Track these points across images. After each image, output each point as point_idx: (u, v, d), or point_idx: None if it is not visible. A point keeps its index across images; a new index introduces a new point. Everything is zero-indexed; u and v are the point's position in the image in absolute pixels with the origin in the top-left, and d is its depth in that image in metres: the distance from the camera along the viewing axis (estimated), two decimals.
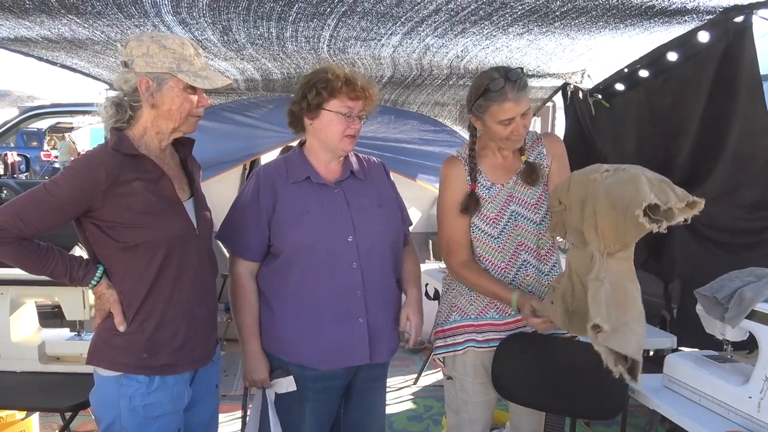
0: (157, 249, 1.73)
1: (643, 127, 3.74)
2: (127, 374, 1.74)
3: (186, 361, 1.81)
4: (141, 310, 1.75)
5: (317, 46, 3.64)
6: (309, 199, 2.04)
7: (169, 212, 1.77)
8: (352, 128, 2.02)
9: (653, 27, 3.10)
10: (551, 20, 3.01)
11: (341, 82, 1.99)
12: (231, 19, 3.10)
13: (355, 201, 2.07)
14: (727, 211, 3.29)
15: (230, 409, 3.96)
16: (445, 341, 2.25)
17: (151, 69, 1.72)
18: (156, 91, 1.73)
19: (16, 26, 3.25)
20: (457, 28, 3.19)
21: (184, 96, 1.75)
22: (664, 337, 3.08)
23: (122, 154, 1.71)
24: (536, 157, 2.21)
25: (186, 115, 1.78)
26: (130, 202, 1.70)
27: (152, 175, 1.75)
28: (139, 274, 1.74)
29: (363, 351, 2.04)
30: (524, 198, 2.17)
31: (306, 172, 2.07)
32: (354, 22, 3.15)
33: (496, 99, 2.02)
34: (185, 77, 1.73)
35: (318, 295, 2.01)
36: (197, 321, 1.83)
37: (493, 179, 2.18)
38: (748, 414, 1.94)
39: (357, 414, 2.17)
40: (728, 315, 2.05)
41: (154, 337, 1.76)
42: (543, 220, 2.16)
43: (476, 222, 2.17)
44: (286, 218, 2.02)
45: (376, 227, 2.07)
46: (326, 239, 2.00)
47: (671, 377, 2.24)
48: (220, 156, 5.06)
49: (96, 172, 1.67)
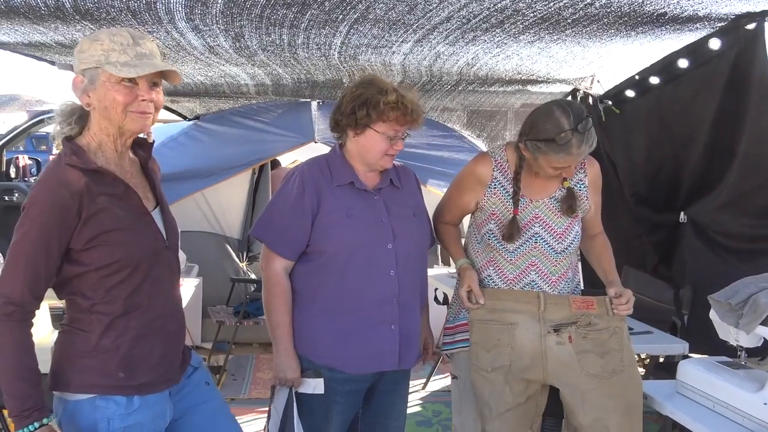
0: (128, 266, 1.60)
1: (652, 135, 3.75)
2: (102, 396, 1.61)
3: (163, 379, 1.70)
4: (115, 326, 1.61)
5: (328, 53, 3.66)
6: (352, 203, 2.05)
7: (138, 226, 1.65)
8: (395, 149, 2.04)
9: (664, 34, 3.11)
10: (562, 28, 3.02)
11: (392, 106, 1.97)
12: (243, 26, 3.13)
13: (393, 209, 2.09)
14: (737, 218, 3.29)
15: (239, 413, 3.97)
16: (453, 338, 2.27)
17: (85, 66, 1.59)
18: (90, 89, 1.59)
19: (31, 32, 3.28)
20: (469, 35, 3.20)
21: (115, 89, 1.57)
22: (676, 343, 3.07)
23: (79, 170, 1.57)
24: (575, 184, 2.19)
25: (122, 111, 1.59)
26: (99, 219, 1.56)
27: (116, 190, 1.62)
28: (112, 292, 1.60)
29: (393, 357, 2.06)
30: (551, 225, 2.16)
31: (350, 177, 2.07)
32: (366, 30, 3.16)
33: (558, 151, 1.97)
34: (111, 68, 1.56)
35: (355, 300, 2.02)
36: (171, 336, 1.74)
37: (523, 192, 2.16)
38: (763, 421, 1.93)
39: (376, 412, 2.19)
40: (743, 321, 2.04)
41: (130, 355, 1.63)
42: (565, 251, 2.15)
43: (493, 229, 2.17)
44: (330, 220, 2.02)
45: (413, 236, 2.11)
46: (367, 245, 2.01)
47: (684, 383, 2.24)
48: (230, 160, 5.09)
49: (57, 195, 1.53)
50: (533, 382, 2.07)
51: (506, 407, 2.07)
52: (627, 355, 2.05)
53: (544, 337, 2.04)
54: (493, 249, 2.17)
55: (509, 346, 2.05)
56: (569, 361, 2.03)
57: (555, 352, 2.04)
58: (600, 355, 2.03)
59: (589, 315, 2.05)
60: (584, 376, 2.02)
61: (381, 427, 2.21)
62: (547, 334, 2.04)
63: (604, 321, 2.06)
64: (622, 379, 2.02)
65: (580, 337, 2.04)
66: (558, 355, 2.03)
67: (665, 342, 3.09)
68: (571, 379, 2.03)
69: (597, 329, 2.04)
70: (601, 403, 2.01)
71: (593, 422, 2.01)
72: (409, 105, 2.00)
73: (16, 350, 1.54)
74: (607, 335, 2.04)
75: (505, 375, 2.06)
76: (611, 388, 2.02)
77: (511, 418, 2.08)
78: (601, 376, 2.02)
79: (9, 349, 1.53)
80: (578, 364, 2.02)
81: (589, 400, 2.01)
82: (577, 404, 2.02)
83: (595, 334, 2.04)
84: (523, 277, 2.16)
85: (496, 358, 2.07)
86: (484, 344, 2.09)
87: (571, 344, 2.03)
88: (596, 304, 2.08)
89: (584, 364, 2.02)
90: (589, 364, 2.02)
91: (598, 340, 2.04)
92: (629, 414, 2.02)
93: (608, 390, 2.01)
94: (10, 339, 1.54)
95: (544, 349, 2.04)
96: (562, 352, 2.03)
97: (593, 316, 2.05)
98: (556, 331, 2.04)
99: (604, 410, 2.01)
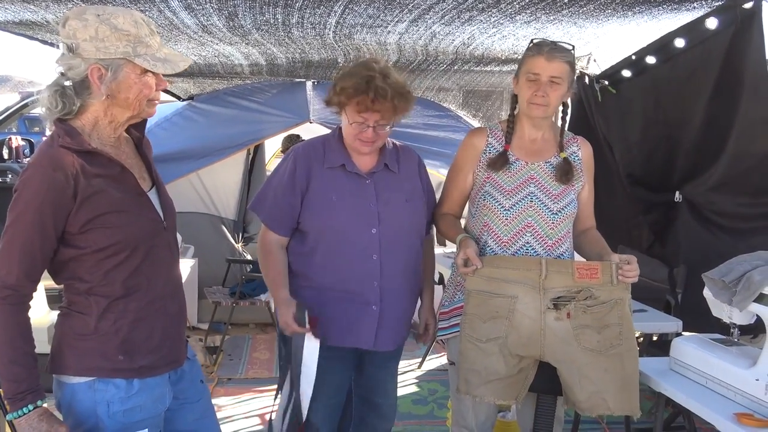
0: (127, 248, 1.59)
1: (648, 115, 3.75)
2: (101, 378, 1.60)
3: (163, 362, 1.69)
4: (114, 309, 1.60)
5: (323, 33, 3.63)
6: (341, 187, 2.08)
7: (135, 207, 1.62)
8: (365, 136, 2.03)
9: (661, 14, 3.09)
10: (559, 8, 3.00)
11: (351, 93, 1.97)
12: (237, 5, 3.09)
13: (384, 194, 2.10)
14: (732, 197, 3.30)
15: (236, 392, 4.01)
16: (448, 322, 2.27)
17: (104, 55, 1.52)
18: (111, 81, 1.54)
19: (21, 10, 3.24)
20: (465, 15, 3.18)
21: (142, 82, 1.57)
22: (669, 321, 3.10)
23: (74, 152, 1.53)
24: (570, 155, 2.24)
25: (146, 102, 1.61)
26: (95, 202, 1.54)
27: (112, 171, 1.59)
28: (111, 275, 1.58)
29: (369, 337, 2.11)
30: (547, 186, 2.18)
31: (341, 160, 2.10)
32: (361, 9, 3.13)
33: (531, 52, 2.14)
34: (143, 62, 1.54)
35: (338, 280, 2.07)
36: (171, 317, 1.72)
37: (518, 156, 2.21)
38: (755, 396, 1.96)
39: (366, 388, 2.24)
40: (736, 298, 2.06)
41: (130, 337, 1.62)
42: (561, 211, 2.16)
43: (490, 190, 2.18)
44: (316, 201, 2.06)
45: (400, 222, 2.12)
46: (349, 229, 2.05)
47: (678, 360, 2.26)
48: (224, 141, 5.06)
49: (52, 178, 1.50)
50: (527, 357, 2.09)
51: (497, 376, 2.08)
52: (626, 328, 2.04)
53: (543, 314, 2.04)
54: (490, 210, 2.18)
55: (507, 319, 2.06)
56: (566, 337, 2.03)
57: (553, 329, 2.04)
58: (598, 330, 2.03)
59: (591, 288, 2.03)
60: (581, 351, 2.03)
61: (372, 405, 2.25)
62: (547, 310, 2.04)
63: (606, 292, 2.03)
64: (620, 353, 2.03)
65: (579, 312, 2.03)
66: (556, 332, 2.04)
67: (659, 320, 3.13)
68: (568, 355, 2.04)
69: (598, 302, 2.03)
70: (598, 377, 2.02)
71: (591, 396, 2.03)
72: (379, 93, 1.96)
73: (11, 334, 1.53)
74: (608, 309, 2.03)
75: (500, 346, 2.06)
76: (608, 362, 2.03)
77: (499, 386, 2.09)
78: (598, 351, 2.03)
79: (3, 333, 1.53)
80: (575, 339, 2.03)
81: (586, 375, 2.03)
82: (574, 380, 2.04)
83: (596, 308, 2.03)
84: (518, 239, 2.15)
85: (492, 329, 2.07)
86: (482, 315, 2.08)
87: (569, 320, 2.04)
88: (600, 271, 2.04)
89: (581, 339, 2.03)
90: (586, 339, 2.03)
91: (598, 314, 2.03)
92: (626, 386, 2.03)
93: (605, 364, 2.03)
94: (4, 322, 1.53)
95: (543, 327, 2.04)
96: (559, 329, 2.04)
97: (595, 288, 2.03)
98: (556, 307, 2.04)
99: (601, 383, 2.02)
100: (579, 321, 2.04)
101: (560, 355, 2.05)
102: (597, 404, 2.04)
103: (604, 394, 2.03)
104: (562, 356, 2.05)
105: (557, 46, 2.13)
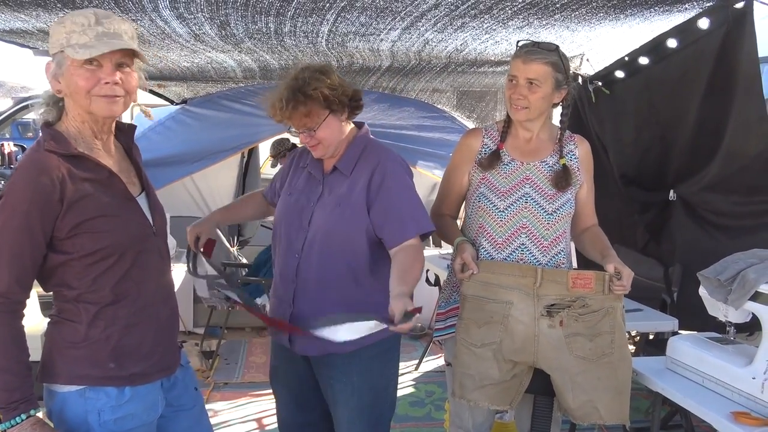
0: (115, 253, 1.57)
1: (642, 115, 3.76)
2: (92, 387, 1.58)
3: (155, 369, 1.67)
4: (104, 316, 1.58)
5: (315, 41, 3.64)
6: (299, 184, 2.17)
7: (124, 212, 1.60)
8: (305, 142, 2.08)
9: (654, 16, 3.10)
10: (551, 12, 3.01)
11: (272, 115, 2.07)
12: (229, 14, 3.09)
13: (325, 196, 2.08)
14: (726, 196, 3.32)
15: (232, 397, 4.00)
16: (444, 323, 2.28)
17: (53, 50, 1.55)
18: (59, 74, 1.54)
19: (12, 19, 3.23)
20: (457, 22, 3.18)
21: (78, 73, 1.52)
22: (665, 320, 3.11)
23: (60, 156, 1.52)
24: (567, 155, 2.22)
25: (86, 95, 1.53)
26: (82, 206, 1.52)
27: (99, 176, 1.58)
28: (99, 281, 1.56)
29: (285, 335, 2.14)
30: (542, 187, 2.17)
31: (308, 160, 2.18)
32: (353, 18, 3.14)
33: (515, 57, 2.15)
34: (71, 51, 1.50)
35: (276, 271, 2.18)
36: (163, 323, 1.70)
37: (514, 156, 2.21)
38: (751, 395, 1.97)
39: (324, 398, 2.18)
40: (731, 297, 2.07)
41: (121, 345, 1.59)
42: (556, 212, 2.16)
43: (485, 192, 2.19)
44: (281, 194, 2.23)
45: (326, 225, 2.03)
46: (287, 225, 2.13)
47: (674, 359, 2.27)
48: (218, 144, 5.07)
49: (38, 182, 1.48)
50: (521, 363, 2.09)
51: (490, 381, 2.08)
52: (618, 337, 2.05)
53: (537, 321, 2.04)
54: (485, 212, 2.18)
55: (501, 324, 2.06)
56: (558, 345, 2.04)
57: (546, 336, 2.05)
58: (589, 338, 2.04)
59: (585, 297, 2.04)
60: (573, 359, 2.03)
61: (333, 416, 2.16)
62: (541, 317, 2.04)
63: (598, 301, 2.05)
64: (612, 361, 2.04)
65: (572, 320, 2.04)
66: (549, 340, 2.05)
67: (655, 319, 3.13)
68: (561, 363, 2.04)
69: (590, 311, 2.04)
70: (590, 384, 2.03)
71: (583, 404, 2.04)
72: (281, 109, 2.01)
73: (3, 342, 1.51)
74: (600, 317, 2.04)
75: (494, 352, 2.07)
76: (600, 370, 2.04)
77: (493, 391, 2.09)
78: (590, 359, 2.03)
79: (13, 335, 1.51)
80: (567, 347, 2.03)
81: (579, 383, 2.03)
82: (566, 387, 2.04)
83: (587, 316, 2.04)
84: (513, 240, 2.15)
85: (487, 335, 2.07)
86: (477, 320, 2.09)
87: (561, 328, 2.04)
88: (594, 281, 2.04)
89: (573, 347, 2.03)
90: (578, 347, 2.03)
91: (589, 322, 2.04)
92: (618, 395, 2.04)
93: (597, 372, 2.04)
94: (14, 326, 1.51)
95: (537, 333, 2.05)
96: (552, 336, 2.04)
97: (588, 297, 2.05)
98: (549, 315, 2.05)
99: (593, 392, 2.03)
100: (571, 329, 2.04)
101: (553, 362, 2.05)
102: (589, 413, 2.05)
103: (596, 402, 2.04)
104: (554, 363, 2.05)
105: (535, 49, 2.12)
